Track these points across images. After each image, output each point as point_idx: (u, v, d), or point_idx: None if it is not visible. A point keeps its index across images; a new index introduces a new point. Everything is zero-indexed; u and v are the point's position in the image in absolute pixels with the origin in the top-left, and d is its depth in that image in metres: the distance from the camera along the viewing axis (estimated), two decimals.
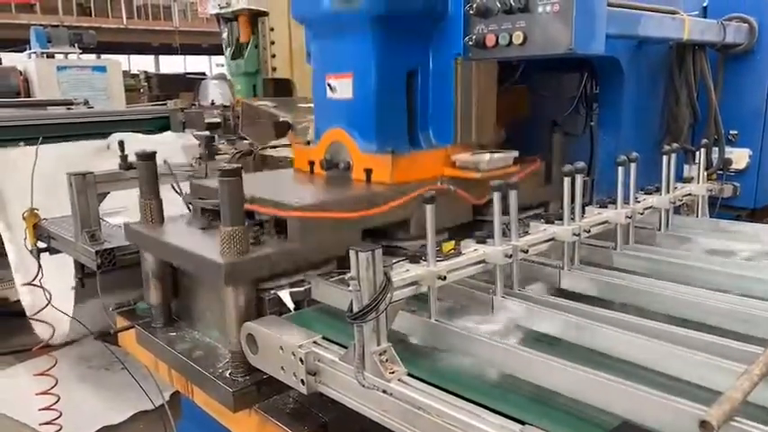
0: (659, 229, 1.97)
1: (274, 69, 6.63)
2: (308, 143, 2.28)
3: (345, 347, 1.26)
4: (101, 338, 2.43)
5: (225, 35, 6.39)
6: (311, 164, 2.17)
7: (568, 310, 1.38)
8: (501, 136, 2.38)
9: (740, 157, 2.69)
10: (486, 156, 1.98)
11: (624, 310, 1.43)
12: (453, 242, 1.47)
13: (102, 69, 9.04)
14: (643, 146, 2.22)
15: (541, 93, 2.75)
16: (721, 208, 2.68)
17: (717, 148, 2.64)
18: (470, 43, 1.80)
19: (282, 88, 6.24)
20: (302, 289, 1.67)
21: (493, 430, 1.00)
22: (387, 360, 1.20)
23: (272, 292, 1.66)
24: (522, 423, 1.01)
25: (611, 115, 2.49)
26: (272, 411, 1.56)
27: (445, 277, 1.33)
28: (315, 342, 1.35)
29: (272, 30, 6.56)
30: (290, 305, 1.62)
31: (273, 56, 6.49)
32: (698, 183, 2.13)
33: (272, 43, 6.48)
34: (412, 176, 1.94)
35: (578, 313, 1.35)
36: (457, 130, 2.07)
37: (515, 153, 2.08)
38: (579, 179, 1.62)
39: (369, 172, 1.95)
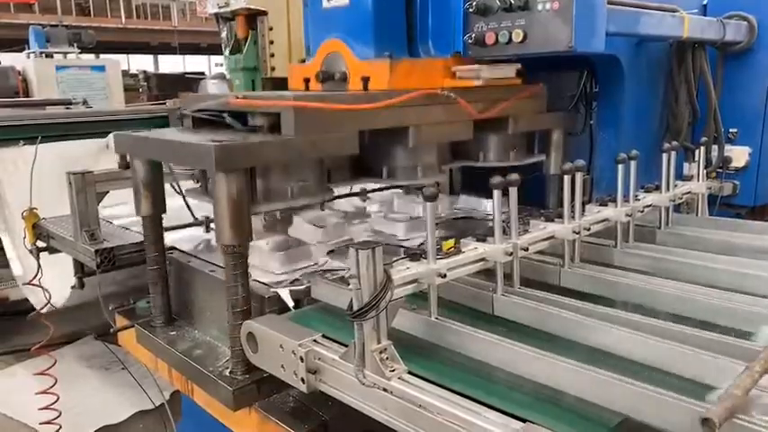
0: (659, 227, 1.97)
1: (273, 69, 6.61)
2: (304, 61, 2.22)
3: (346, 346, 1.26)
4: (100, 337, 2.43)
5: (224, 34, 6.37)
6: (306, 81, 2.09)
7: (569, 307, 1.37)
8: None
9: (740, 155, 2.69)
10: (488, 65, 1.91)
11: (624, 308, 1.43)
12: (453, 240, 1.46)
13: (101, 69, 9.03)
14: (643, 144, 2.21)
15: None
16: (721, 206, 2.68)
17: (716, 147, 2.64)
18: (470, 41, 1.79)
19: (281, 88, 6.23)
20: (302, 287, 1.67)
21: (494, 428, 0.99)
22: (387, 358, 1.20)
23: (272, 290, 1.66)
24: (524, 421, 1.00)
25: (611, 113, 2.49)
26: (272, 410, 1.56)
27: (445, 275, 1.33)
28: (315, 340, 1.34)
29: (270, 29, 6.55)
30: (290, 303, 1.62)
31: (272, 55, 6.48)
32: (698, 181, 2.13)
33: (271, 42, 6.47)
34: (411, 84, 1.86)
35: (579, 311, 1.35)
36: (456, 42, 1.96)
37: (518, 65, 2.02)
38: (579, 177, 1.62)
39: (366, 80, 1.88)
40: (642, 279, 1.57)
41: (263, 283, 1.72)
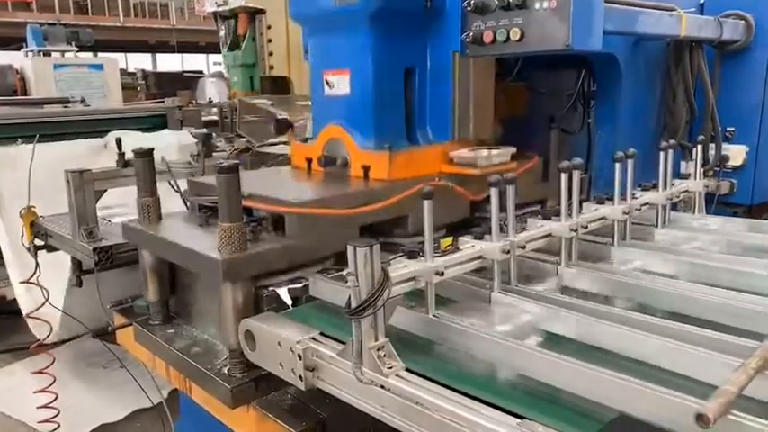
0: (656, 226, 1.97)
1: (272, 67, 6.63)
2: (306, 140, 2.28)
3: (343, 343, 1.27)
4: (99, 336, 2.43)
5: (222, 33, 6.38)
6: (309, 161, 2.17)
7: (566, 305, 1.38)
8: (498, 132, 2.38)
9: (737, 154, 2.69)
10: (484, 152, 1.98)
11: (622, 306, 1.44)
12: (451, 239, 1.47)
13: (99, 67, 9.02)
14: (640, 142, 2.22)
15: (539, 90, 2.75)
16: (718, 204, 2.68)
17: (714, 145, 2.65)
18: (468, 40, 1.80)
19: (280, 86, 6.24)
20: (300, 285, 1.67)
21: (490, 424, 1.00)
22: (385, 355, 1.20)
23: (270, 288, 1.66)
24: (520, 417, 1.01)
25: (609, 112, 2.50)
26: (270, 407, 1.56)
27: (443, 273, 1.34)
28: (313, 338, 1.35)
29: (269, 27, 6.56)
30: (288, 302, 1.63)
31: (271, 54, 6.49)
32: (695, 179, 2.14)
33: (270, 41, 6.48)
34: (410, 173, 1.94)
35: (576, 309, 1.35)
36: (454, 126, 2.08)
37: (513, 149, 2.09)
38: (576, 175, 1.62)
39: (366, 169, 1.95)
40: (639, 277, 1.57)
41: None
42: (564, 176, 1.60)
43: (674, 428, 0.81)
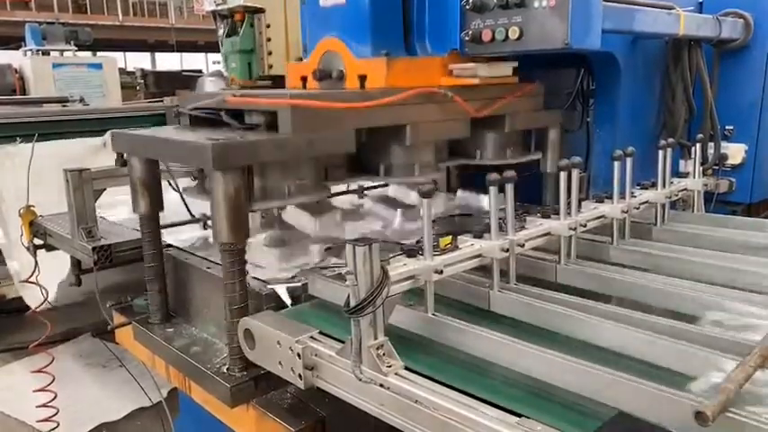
0: (655, 224, 1.98)
1: (270, 66, 6.60)
2: (301, 60, 2.23)
3: (343, 342, 1.27)
4: (98, 335, 2.43)
5: (221, 32, 6.35)
6: (303, 79, 2.10)
7: (564, 303, 1.38)
8: None
9: (736, 153, 2.70)
10: (485, 64, 1.93)
11: (620, 304, 1.44)
12: (450, 237, 1.47)
13: (98, 67, 9.00)
14: (639, 141, 2.21)
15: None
16: (717, 203, 2.69)
17: (713, 144, 2.65)
18: (467, 38, 1.80)
19: (278, 85, 6.22)
20: (299, 284, 1.67)
21: (490, 423, 1.00)
22: (384, 354, 1.20)
23: (270, 287, 1.66)
24: (519, 415, 1.01)
25: (608, 111, 2.50)
26: (269, 406, 1.57)
27: (442, 271, 1.33)
28: (312, 337, 1.35)
29: (268, 26, 6.53)
30: (288, 300, 1.63)
31: (270, 53, 6.46)
32: (694, 178, 2.13)
33: (269, 40, 6.45)
34: (408, 82, 1.87)
35: (574, 307, 1.35)
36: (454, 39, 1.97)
37: (514, 63, 2.03)
38: (575, 174, 1.62)
39: (363, 78, 1.88)
40: (638, 275, 1.57)
41: (260, 280, 1.73)
42: (563, 175, 1.60)
43: (673, 426, 0.80)
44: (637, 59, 2.49)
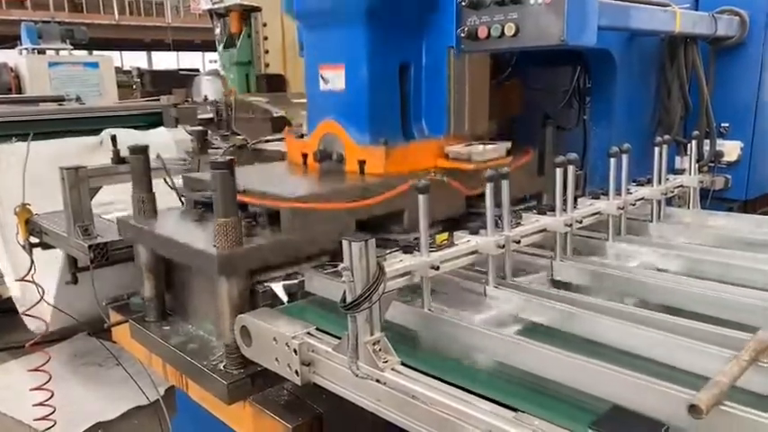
0: (651, 221, 1.98)
1: (267, 65, 6.61)
2: (302, 136, 2.28)
3: (339, 338, 1.27)
4: (95, 334, 2.42)
5: (217, 31, 6.37)
6: (304, 156, 2.17)
7: (560, 299, 1.38)
8: (493, 129, 2.38)
9: (732, 150, 2.70)
10: (480, 147, 1.98)
11: (616, 300, 1.44)
12: (447, 234, 1.47)
13: (94, 65, 8.99)
14: (635, 138, 2.22)
15: (534, 87, 2.75)
16: (713, 200, 2.69)
17: (708, 141, 2.65)
18: (463, 35, 1.80)
19: (275, 84, 6.23)
20: (296, 281, 1.67)
21: (486, 417, 1.00)
22: (380, 350, 1.20)
23: (266, 284, 1.66)
24: (515, 410, 1.01)
25: (604, 108, 2.50)
26: (266, 403, 1.57)
27: (438, 267, 1.34)
28: (308, 333, 1.35)
29: (264, 25, 6.54)
30: (284, 298, 1.63)
31: (267, 51, 6.47)
32: (690, 174, 2.14)
33: (266, 38, 6.46)
34: (405, 168, 1.94)
35: (570, 302, 1.36)
36: (450, 121, 2.08)
37: (508, 144, 2.09)
38: (571, 170, 1.63)
39: (362, 163, 1.94)
40: (633, 271, 1.58)
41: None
42: (559, 171, 1.61)
43: (667, 419, 0.81)
44: (633, 57, 2.50)
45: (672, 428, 0.88)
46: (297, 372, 1.32)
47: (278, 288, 1.64)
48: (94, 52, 12.06)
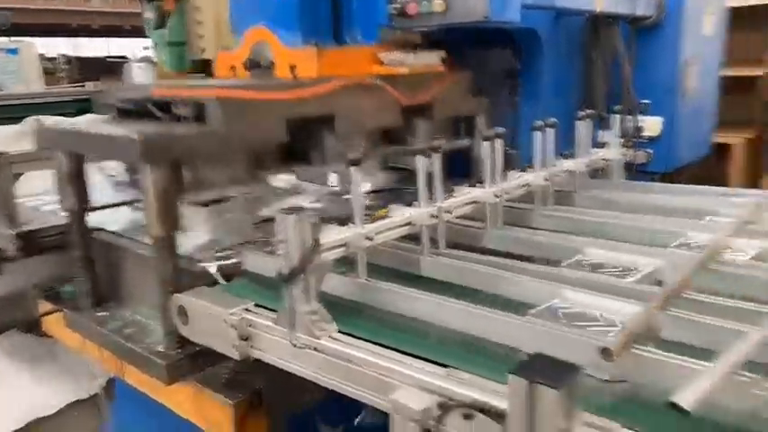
0: (576, 191, 2.08)
1: (203, 50, 6.42)
2: (229, 48, 2.22)
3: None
4: (26, 329, 2.35)
5: (147, 15, 6.13)
6: (233, 69, 2.10)
7: (491, 264, 1.45)
8: None
9: (652, 125, 2.85)
10: (413, 54, 1.98)
11: (542, 263, 1.52)
12: (386, 209, 1.51)
13: (14, 52, 8.53)
14: (563, 116, 2.30)
15: (468, 67, 2.81)
16: (636, 173, 2.83)
17: (631, 117, 2.79)
18: (394, 12, 1.83)
19: (212, 72, 6.07)
20: (232, 261, 1.67)
21: (420, 375, 1.04)
22: (318, 319, 1.23)
23: (202, 265, 1.65)
24: (447, 367, 1.06)
25: (532, 88, 2.59)
26: (206, 382, 1.57)
27: (372, 238, 1.37)
28: (246, 309, 1.36)
29: (197, 8, 6.34)
30: (220, 277, 1.62)
31: (201, 36, 6.28)
32: (612, 148, 2.25)
33: (199, 23, 6.28)
34: (339, 72, 1.90)
35: (500, 267, 1.42)
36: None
37: (442, 52, 2.10)
38: (499, 143, 1.69)
39: (293, 68, 1.90)
40: (559, 237, 1.66)
41: (193, 258, 1.71)
42: (487, 145, 1.67)
43: (583, 364, 0.87)
44: (559, 36, 2.59)
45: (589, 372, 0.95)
46: (235, 347, 1.33)
47: (214, 268, 1.64)
48: (16, 38, 11.42)
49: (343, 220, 1.40)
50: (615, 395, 0.94)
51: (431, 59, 2.05)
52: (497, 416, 0.88)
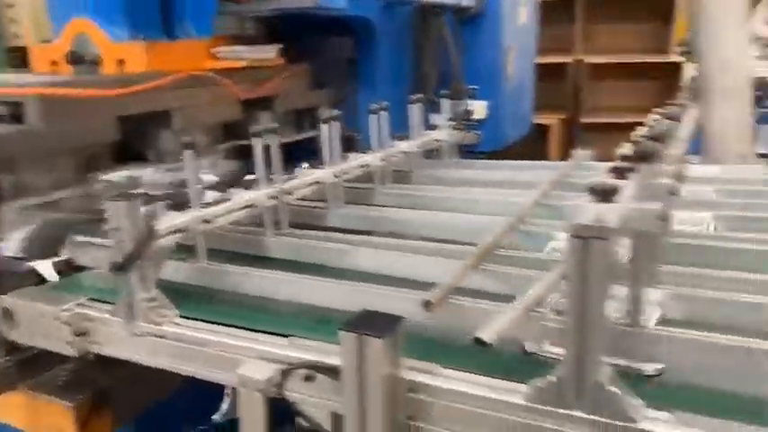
0: (412, 171, 2.23)
1: (17, 36, 5.81)
2: (48, 41, 2.07)
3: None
4: None
5: None
6: (54, 64, 1.97)
7: (333, 240, 1.52)
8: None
9: (480, 109, 3.11)
10: (249, 47, 1.99)
11: (382, 236, 1.62)
12: None
13: None
14: (399, 101, 2.45)
15: (311, 56, 2.87)
16: (467, 154, 3.08)
17: (460, 102, 3.03)
18: None
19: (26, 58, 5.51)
20: (61, 258, 1.58)
21: (262, 347, 1.09)
22: (157, 306, 1.22)
23: (29, 264, 1.54)
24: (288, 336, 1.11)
25: (369, 74, 2.72)
26: (40, 388, 1.48)
27: (210, 221, 1.38)
28: (80, 304, 1.31)
29: None
30: (51, 275, 1.53)
31: (12, 20, 5.67)
32: (442, 130, 2.44)
33: (10, 6, 5.66)
34: (170, 66, 1.86)
35: (343, 242, 1.50)
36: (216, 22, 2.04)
37: (279, 45, 2.12)
38: (335, 125, 1.76)
39: (121, 63, 1.84)
40: (397, 212, 1.78)
41: (17, 258, 1.59)
42: (325, 127, 1.73)
43: (408, 317, 0.96)
44: (392, 26, 2.74)
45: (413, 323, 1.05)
46: (70, 343, 1.27)
47: (42, 267, 1.54)
48: None
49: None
50: (436, 340, 1.06)
51: (268, 53, 2.07)
52: (332, 372, 0.95)
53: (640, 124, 1.52)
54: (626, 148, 1.16)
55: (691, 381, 0.93)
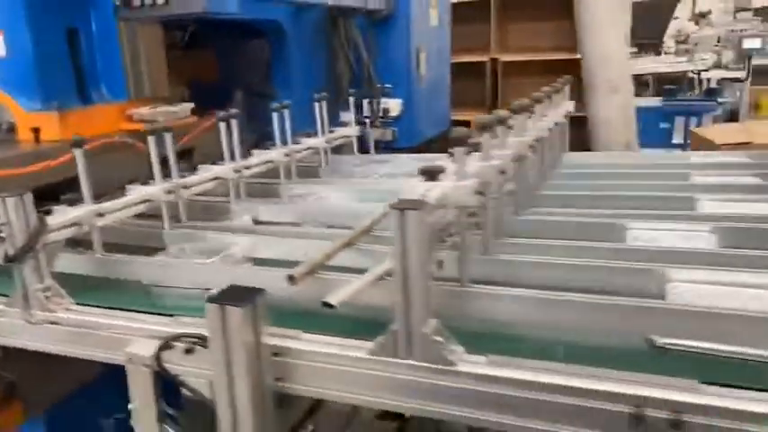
0: (320, 166, 2.34)
1: None
2: None
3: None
4: None
5: None
6: None
7: (228, 229, 1.63)
8: (184, 93, 2.49)
9: (394, 106, 3.26)
10: (163, 108, 2.08)
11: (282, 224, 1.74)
12: None
13: None
14: (312, 101, 2.55)
15: (231, 57, 2.94)
16: (385, 150, 3.23)
17: (375, 100, 3.17)
18: (118, 3, 1.89)
19: None
20: None
21: (148, 326, 1.18)
22: (52, 295, 1.29)
23: None
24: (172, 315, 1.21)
25: (283, 75, 2.82)
26: None
27: (104, 215, 1.45)
28: None
29: None
30: None
31: None
32: (349, 127, 2.56)
33: None
34: (86, 132, 1.89)
35: (229, 230, 1.61)
36: (130, 86, 2.13)
37: (191, 105, 2.22)
38: (234, 123, 1.86)
39: (36, 131, 1.89)
40: (301, 203, 1.89)
41: None
42: (223, 125, 1.83)
43: (276, 292, 1.08)
44: (303, 29, 2.84)
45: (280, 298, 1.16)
46: None
47: None
48: None
49: None
50: (299, 311, 1.17)
51: (180, 113, 2.17)
52: (202, 340, 1.06)
53: None
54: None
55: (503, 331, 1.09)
